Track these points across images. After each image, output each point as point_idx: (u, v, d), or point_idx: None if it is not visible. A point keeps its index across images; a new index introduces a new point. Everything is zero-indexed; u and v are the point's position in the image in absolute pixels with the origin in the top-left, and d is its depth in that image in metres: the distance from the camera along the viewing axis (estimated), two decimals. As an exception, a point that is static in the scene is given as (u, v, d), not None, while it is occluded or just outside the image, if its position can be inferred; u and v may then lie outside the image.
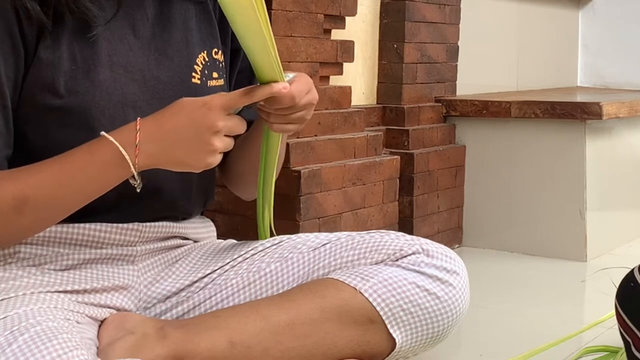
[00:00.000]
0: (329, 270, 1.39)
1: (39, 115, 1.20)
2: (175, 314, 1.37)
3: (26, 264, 1.26)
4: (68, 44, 1.21)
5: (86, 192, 1.18)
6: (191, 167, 1.19)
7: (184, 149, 1.16)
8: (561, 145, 2.68)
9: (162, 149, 1.16)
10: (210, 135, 1.16)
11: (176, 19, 1.33)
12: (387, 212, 2.38)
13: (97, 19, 1.21)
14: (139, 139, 1.15)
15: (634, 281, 1.32)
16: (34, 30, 1.18)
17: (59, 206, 1.18)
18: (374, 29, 2.70)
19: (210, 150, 1.16)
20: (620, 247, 2.84)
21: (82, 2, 1.19)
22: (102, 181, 1.18)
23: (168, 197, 1.33)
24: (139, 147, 1.15)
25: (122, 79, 1.25)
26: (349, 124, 2.33)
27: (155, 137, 1.16)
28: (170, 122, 1.16)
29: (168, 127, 1.16)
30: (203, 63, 1.35)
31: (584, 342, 1.85)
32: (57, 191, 1.16)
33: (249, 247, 1.44)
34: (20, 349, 1.06)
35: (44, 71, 1.19)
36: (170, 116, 1.17)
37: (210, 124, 1.15)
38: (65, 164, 1.17)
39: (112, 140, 1.15)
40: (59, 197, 1.17)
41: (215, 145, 1.16)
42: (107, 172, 1.17)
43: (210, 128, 1.15)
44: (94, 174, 1.16)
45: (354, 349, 1.34)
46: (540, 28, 3.64)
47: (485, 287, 2.31)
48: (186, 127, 1.16)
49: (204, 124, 1.15)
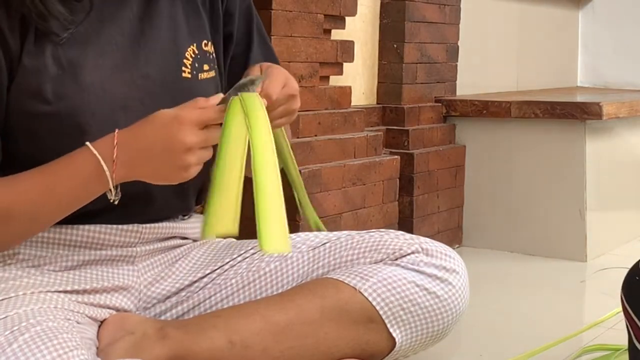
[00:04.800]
0: (329, 270, 1.39)
1: (29, 122, 1.20)
2: (175, 313, 1.37)
3: (26, 265, 1.26)
4: (52, 49, 1.20)
5: (65, 204, 1.18)
6: (166, 180, 1.17)
7: (157, 163, 1.14)
8: (561, 145, 2.69)
9: (138, 164, 1.15)
10: (181, 151, 1.13)
11: (162, 14, 1.31)
12: (387, 212, 2.38)
13: (67, 22, 1.19)
14: (116, 154, 1.14)
15: (639, 274, 1.33)
16: (16, 39, 1.18)
17: (40, 218, 1.18)
18: (374, 29, 2.70)
19: (182, 165, 1.13)
20: (620, 247, 2.84)
21: (53, 5, 1.18)
22: (81, 193, 1.17)
23: (163, 198, 1.33)
24: (116, 162, 1.14)
25: (110, 80, 1.24)
26: (349, 124, 2.33)
27: (131, 151, 1.14)
28: (144, 135, 1.14)
29: (142, 140, 1.14)
30: (193, 56, 1.34)
31: (584, 342, 1.85)
32: (38, 203, 1.16)
33: (249, 247, 1.44)
34: (21, 348, 1.06)
35: (30, 78, 1.18)
36: (145, 130, 1.15)
37: (181, 141, 1.12)
38: (46, 176, 1.16)
39: (95, 152, 1.14)
40: (39, 210, 1.17)
41: (186, 161, 1.13)
42: (86, 185, 1.16)
43: (180, 145, 1.12)
44: (73, 186, 1.16)
45: (353, 349, 1.34)
46: (540, 28, 3.64)
47: (485, 287, 2.31)
48: (158, 142, 1.13)
49: (175, 139, 1.12)
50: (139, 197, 1.27)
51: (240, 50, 1.44)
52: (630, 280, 1.35)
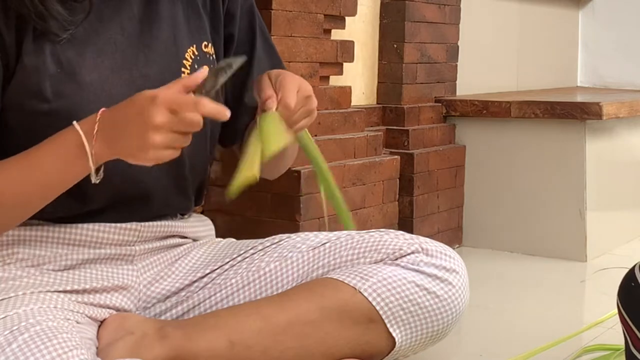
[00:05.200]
0: (329, 270, 1.39)
1: (28, 120, 1.20)
2: (175, 313, 1.37)
3: (25, 265, 1.26)
4: (51, 48, 1.20)
5: (48, 188, 1.17)
6: (139, 159, 1.14)
7: (128, 140, 1.12)
8: (561, 145, 2.68)
9: (115, 139, 1.13)
10: (149, 130, 1.10)
11: (163, 14, 1.32)
12: (387, 212, 2.38)
13: (66, 23, 1.19)
14: (97, 128, 1.13)
15: (634, 280, 1.32)
16: (13, 37, 1.18)
17: (22, 203, 1.17)
18: (374, 29, 2.70)
19: (149, 144, 1.11)
20: (620, 247, 2.83)
21: (52, 5, 1.18)
22: (64, 171, 1.16)
23: (162, 196, 1.33)
24: (96, 137, 1.13)
25: (109, 79, 1.24)
26: (349, 124, 2.33)
27: (110, 126, 1.13)
28: (122, 112, 1.13)
29: (120, 116, 1.13)
30: (193, 57, 1.34)
31: (584, 342, 1.85)
32: (20, 188, 1.16)
33: (249, 247, 1.44)
34: (20, 348, 1.06)
35: (29, 77, 1.18)
36: (125, 107, 1.14)
37: (148, 119, 1.10)
38: (30, 156, 1.16)
39: (77, 128, 1.13)
40: (22, 194, 1.16)
41: (151, 139, 1.10)
42: (68, 162, 1.15)
43: (148, 123, 1.10)
44: (55, 163, 1.15)
45: (353, 349, 1.34)
46: (540, 28, 3.64)
47: (485, 287, 2.31)
48: (131, 119, 1.12)
49: (145, 116, 1.10)
50: (138, 195, 1.27)
51: (243, 50, 1.44)
52: (626, 286, 1.34)
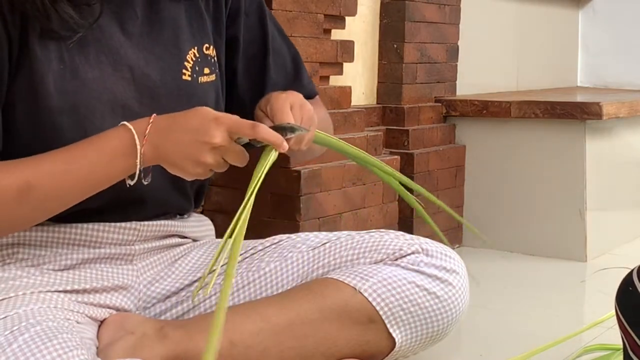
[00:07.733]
0: (329, 270, 1.39)
1: (32, 116, 1.20)
2: (175, 313, 1.37)
3: (25, 265, 1.26)
4: (56, 45, 1.20)
5: (89, 182, 1.18)
6: (182, 171, 1.18)
7: (180, 150, 1.16)
8: (561, 145, 2.68)
9: (165, 146, 1.16)
10: (205, 147, 1.15)
11: (165, 16, 1.32)
12: (387, 212, 2.38)
13: (77, 26, 1.20)
14: (149, 130, 1.16)
15: (632, 285, 1.32)
16: (18, 33, 1.18)
17: (61, 196, 1.18)
18: (374, 29, 2.70)
19: (199, 161, 1.16)
20: (620, 247, 2.84)
21: (64, 8, 1.18)
22: (107, 170, 1.17)
23: (161, 195, 1.33)
24: (147, 138, 1.16)
25: (111, 78, 1.24)
26: (349, 124, 2.33)
27: (163, 132, 1.16)
28: (179, 122, 1.17)
29: (176, 126, 1.17)
30: (194, 59, 1.35)
31: (584, 342, 1.85)
32: (61, 180, 1.16)
33: (249, 247, 1.44)
34: (20, 348, 1.06)
35: (34, 73, 1.19)
36: (183, 117, 1.17)
37: (209, 137, 1.14)
38: (74, 151, 1.17)
39: (130, 127, 1.17)
40: (62, 187, 1.16)
41: (205, 158, 1.15)
42: (112, 159, 1.17)
43: (207, 140, 1.14)
44: (98, 159, 1.17)
45: (353, 349, 1.34)
46: (540, 28, 3.64)
47: (485, 287, 2.31)
48: (190, 131, 1.16)
49: (205, 134, 1.15)
50: (137, 194, 1.27)
51: (253, 50, 1.44)
52: (624, 290, 1.33)
